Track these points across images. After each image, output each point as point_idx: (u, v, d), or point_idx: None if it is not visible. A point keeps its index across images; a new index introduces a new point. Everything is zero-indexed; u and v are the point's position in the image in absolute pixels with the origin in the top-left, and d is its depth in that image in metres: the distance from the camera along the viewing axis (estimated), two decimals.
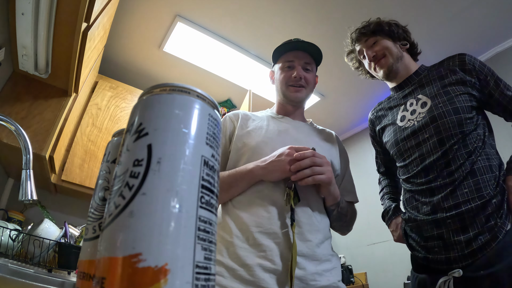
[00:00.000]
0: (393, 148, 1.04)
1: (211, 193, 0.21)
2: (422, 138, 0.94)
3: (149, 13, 1.96)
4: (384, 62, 1.06)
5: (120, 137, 0.33)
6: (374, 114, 1.20)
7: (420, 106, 0.98)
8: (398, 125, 1.03)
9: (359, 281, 2.67)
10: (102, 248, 0.19)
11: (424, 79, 1.03)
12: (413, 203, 0.96)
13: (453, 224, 0.83)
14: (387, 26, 1.09)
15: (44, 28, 1.03)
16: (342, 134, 3.41)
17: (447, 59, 1.03)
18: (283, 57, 1.00)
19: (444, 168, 0.88)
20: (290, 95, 0.98)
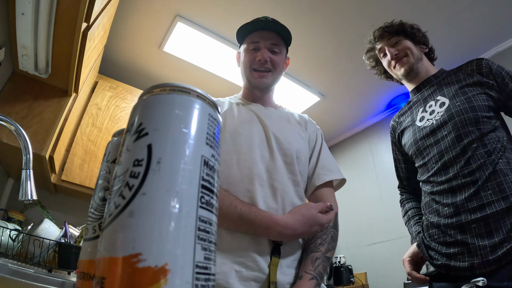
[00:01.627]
0: (412, 148, 1.04)
1: (211, 193, 0.21)
2: (441, 136, 0.94)
3: (149, 13, 1.96)
4: (405, 61, 1.08)
5: (120, 137, 0.33)
6: (396, 120, 1.20)
7: (439, 106, 0.99)
8: (417, 125, 1.04)
9: (359, 281, 2.67)
10: (102, 248, 0.19)
11: (443, 82, 1.05)
12: (433, 206, 0.94)
13: (478, 228, 0.81)
14: (410, 28, 1.12)
15: (44, 28, 1.03)
16: (342, 134, 3.41)
17: (465, 64, 1.05)
18: (248, 37, 0.91)
19: (464, 166, 0.87)
20: (254, 81, 0.89)
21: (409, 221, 1.10)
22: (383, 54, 1.16)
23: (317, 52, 2.27)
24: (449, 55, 2.33)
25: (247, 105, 0.92)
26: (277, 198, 0.76)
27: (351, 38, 2.15)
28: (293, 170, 0.82)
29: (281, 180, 0.78)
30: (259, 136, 0.83)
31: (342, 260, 2.89)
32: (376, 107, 2.89)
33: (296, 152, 0.84)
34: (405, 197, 1.18)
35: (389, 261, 2.51)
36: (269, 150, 0.81)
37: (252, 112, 0.88)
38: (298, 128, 0.92)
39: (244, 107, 0.90)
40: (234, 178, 0.76)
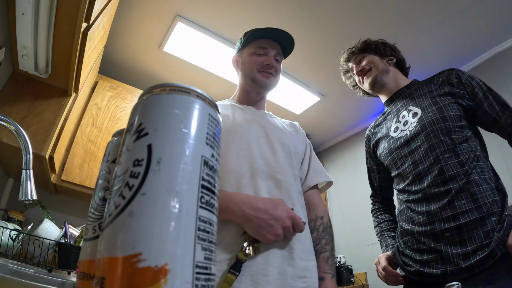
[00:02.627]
0: (388, 158, 1.06)
1: (211, 193, 0.21)
2: (414, 146, 0.96)
3: (149, 13, 1.96)
4: (369, 74, 1.13)
5: (120, 137, 0.33)
6: (371, 130, 1.23)
7: (412, 117, 1.02)
8: (391, 136, 1.07)
9: (359, 281, 2.67)
10: (102, 248, 0.19)
11: (415, 92, 1.07)
12: (408, 214, 0.96)
13: (451, 237, 0.83)
14: (374, 45, 1.17)
15: (44, 28, 1.03)
16: (342, 134, 3.41)
17: (437, 75, 1.07)
18: (255, 42, 0.96)
19: (438, 176, 0.89)
20: (260, 80, 0.93)
21: (382, 233, 1.13)
22: (354, 73, 1.22)
23: (317, 52, 2.27)
24: (449, 55, 2.33)
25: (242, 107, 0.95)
26: (281, 189, 0.78)
27: (351, 38, 2.15)
28: (293, 165, 0.85)
29: (284, 172, 0.81)
30: (257, 134, 0.85)
31: (342, 260, 2.89)
32: (376, 107, 2.89)
33: (293, 148, 0.89)
34: (377, 207, 1.21)
35: None
36: (270, 145, 0.84)
37: (248, 113, 0.92)
38: (292, 130, 0.98)
39: (239, 108, 0.94)
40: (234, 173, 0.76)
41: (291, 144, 0.89)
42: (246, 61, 0.96)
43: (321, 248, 0.80)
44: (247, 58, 0.96)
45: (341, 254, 2.98)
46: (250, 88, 0.96)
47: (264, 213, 0.67)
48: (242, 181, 0.75)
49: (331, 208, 3.33)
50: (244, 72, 0.97)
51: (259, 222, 0.66)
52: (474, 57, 2.37)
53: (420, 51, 2.28)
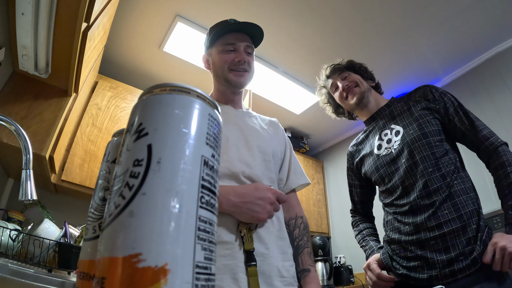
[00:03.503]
0: (375, 175, 1.11)
1: (211, 193, 0.21)
2: (400, 163, 1.02)
3: (149, 13, 1.96)
4: (357, 91, 1.17)
5: (120, 137, 0.33)
6: (354, 148, 1.28)
7: (394, 135, 1.07)
8: (376, 154, 1.12)
9: (359, 281, 2.67)
10: (102, 248, 0.19)
11: (395, 110, 1.13)
12: (395, 224, 1.01)
13: (436, 245, 0.89)
14: (358, 66, 1.24)
15: (44, 28, 1.03)
16: (342, 134, 3.41)
17: (413, 92, 1.13)
18: (222, 39, 0.92)
19: (422, 189, 0.95)
20: (233, 80, 0.90)
21: (364, 238, 1.18)
22: (335, 88, 1.25)
23: (317, 52, 2.27)
24: (449, 55, 2.33)
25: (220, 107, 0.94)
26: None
27: (351, 38, 2.16)
28: (270, 168, 0.87)
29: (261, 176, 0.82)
30: (235, 136, 0.85)
31: (342, 260, 2.89)
32: None
33: (272, 151, 0.90)
34: (358, 218, 1.26)
35: None
36: (248, 148, 0.84)
37: (226, 114, 0.91)
38: (271, 131, 0.98)
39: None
40: None
41: (270, 146, 0.90)
42: (216, 60, 0.93)
43: (303, 243, 0.87)
44: (217, 57, 0.92)
45: (341, 254, 2.98)
46: (225, 88, 0.94)
47: (250, 197, 0.70)
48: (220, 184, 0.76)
49: (331, 208, 3.33)
50: (216, 73, 0.94)
51: (248, 206, 0.70)
52: (474, 57, 2.37)
53: (420, 51, 2.28)
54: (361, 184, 1.24)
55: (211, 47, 0.95)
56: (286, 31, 2.06)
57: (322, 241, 2.75)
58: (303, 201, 3.08)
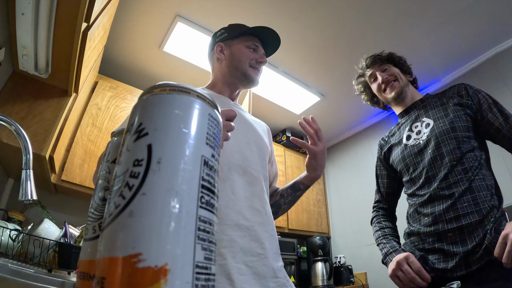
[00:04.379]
0: (401, 164, 1.12)
1: (211, 193, 0.21)
2: (426, 154, 1.04)
3: (149, 13, 1.96)
4: (396, 85, 1.19)
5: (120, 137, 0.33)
6: (385, 139, 1.30)
7: (424, 127, 1.10)
8: (404, 143, 1.14)
9: (359, 281, 2.67)
10: (102, 248, 0.19)
11: (428, 105, 1.15)
12: (416, 216, 1.03)
13: (453, 237, 0.89)
14: (398, 59, 1.25)
15: (44, 28, 1.03)
16: (342, 134, 3.41)
17: (448, 89, 1.15)
18: (248, 37, 0.95)
19: (443, 180, 0.96)
20: (251, 75, 0.92)
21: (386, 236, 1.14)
22: (374, 79, 1.26)
23: (317, 52, 2.27)
24: (449, 55, 2.33)
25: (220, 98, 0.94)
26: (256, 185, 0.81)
27: (351, 38, 2.15)
28: (264, 165, 0.89)
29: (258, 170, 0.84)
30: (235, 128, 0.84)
31: (342, 260, 2.89)
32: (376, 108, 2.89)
33: (265, 148, 0.92)
34: (381, 214, 1.24)
35: None
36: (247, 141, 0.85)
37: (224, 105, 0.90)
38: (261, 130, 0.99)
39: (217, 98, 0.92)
40: None
41: (264, 144, 0.92)
42: (237, 53, 0.92)
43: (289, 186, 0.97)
44: (239, 50, 0.92)
45: (341, 254, 2.98)
46: (237, 81, 0.93)
47: None
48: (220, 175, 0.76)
49: (331, 208, 3.33)
50: (232, 63, 0.92)
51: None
52: (474, 57, 2.37)
53: (420, 51, 2.28)
54: (388, 174, 1.24)
55: (231, 39, 0.95)
56: (286, 31, 2.06)
57: (322, 241, 2.75)
58: (303, 201, 3.08)
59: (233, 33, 0.95)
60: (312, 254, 2.77)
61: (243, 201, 0.75)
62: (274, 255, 0.76)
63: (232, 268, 0.66)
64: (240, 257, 0.69)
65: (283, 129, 3.26)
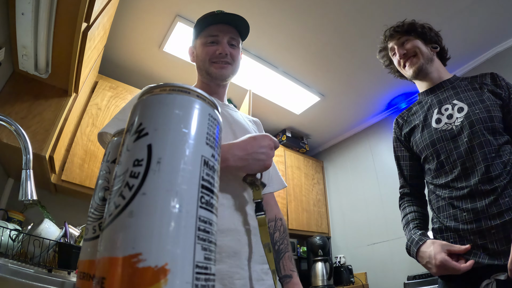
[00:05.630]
0: (429, 149, 1.03)
1: (211, 193, 0.21)
2: (461, 142, 0.96)
3: (149, 13, 1.96)
4: (415, 61, 1.09)
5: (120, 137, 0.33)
6: (404, 118, 1.18)
7: (457, 111, 1.00)
8: (434, 127, 1.03)
9: (359, 281, 2.67)
10: (102, 248, 0.19)
11: (458, 87, 1.05)
12: (450, 211, 0.94)
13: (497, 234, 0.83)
14: (420, 28, 1.12)
15: (44, 28, 1.03)
16: (342, 134, 3.41)
17: (480, 75, 1.06)
18: (205, 31, 0.91)
19: (485, 174, 0.89)
20: (214, 72, 0.88)
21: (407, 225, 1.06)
22: (393, 53, 1.17)
23: (317, 52, 2.27)
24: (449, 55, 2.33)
25: None
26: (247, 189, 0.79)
27: (351, 38, 2.15)
28: None
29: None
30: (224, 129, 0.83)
31: (342, 260, 2.89)
32: (376, 107, 2.89)
33: None
34: (406, 199, 1.13)
35: (389, 261, 2.51)
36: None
37: None
38: (255, 128, 0.97)
39: None
40: None
41: None
42: (199, 52, 0.91)
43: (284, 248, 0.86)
44: (200, 49, 0.90)
45: (341, 254, 2.98)
46: (207, 80, 0.92)
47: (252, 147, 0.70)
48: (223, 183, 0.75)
49: (331, 208, 3.33)
50: (198, 65, 0.92)
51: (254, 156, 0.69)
52: (474, 57, 2.37)
53: None
54: (411, 155, 1.13)
55: (196, 39, 0.94)
56: (286, 31, 2.06)
57: (322, 241, 2.75)
58: (303, 201, 3.08)
59: (196, 31, 0.93)
60: (312, 254, 2.77)
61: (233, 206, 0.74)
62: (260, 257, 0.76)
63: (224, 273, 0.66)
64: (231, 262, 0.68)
65: (283, 129, 3.26)
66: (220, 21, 0.91)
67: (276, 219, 0.90)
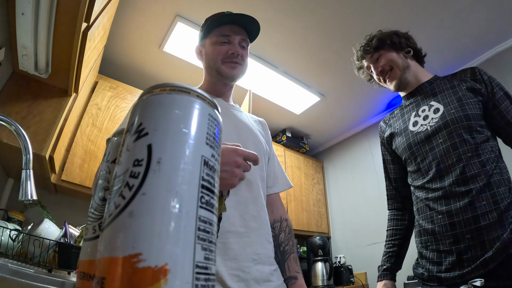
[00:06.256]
0: (406, 153, 1.04)
1: (211, 193, 0.21)
2: (436, 143, 0.95)
3: (149, 13, 1.96)
4: (393, 75, 1.09)
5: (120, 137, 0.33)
6: (386, 121, 1.21)
7: (433, 112, 1.00)
8: (411, 130, 1.04)
9: (359, 281, 2.67)
10: (102, 248, 0.19)
11: (437, 87, 1.05)
12: (427, 213, 0.94)
13: (472, 239, 0.82)
14: (389, 39, 1.12)
15: (44, 28, 1.03)
16: (342, 134, 3.41)
17: (460, 72, 1.05)
18: (217, 30, 0.90)
19: (460, 175, 0.88)
20: (225, 72, 0.87)
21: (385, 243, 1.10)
22: (370, 71, 1.18)
23: (317, 52, 2.27)
24: (449, 55, 2.33)
25: None
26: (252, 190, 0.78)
27: (351, 37, 2.15)
28: (262, 166, 0.85)
29: (253, 173, 0.80)
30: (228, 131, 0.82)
31: (342, 260, 2.89)
32: (376, 107, 2.89)
33: (263, 149, 0.88)
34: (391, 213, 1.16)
35: None
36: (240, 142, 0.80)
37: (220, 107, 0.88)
38: (260, 129, 0.96)
39: None
40: None
41: (262, 144, 0.88)
42: (209, 51, 0.90)
43: (289, 249, 0.85)
44: (210, 48, 0.90)
45: (341, 254, 2.98)
46: (216, 80, 0.91)
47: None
48: None
49: (331, 208, 3.33)
50: (208, 64, 0.91)
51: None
52: (474, 57, 2.37)
53: None
54: (393, 159, 1.15)
55: (205, 38, 0.93)
56: (286, 31, 2.06)
57: (322, 241, 2.75)
58: (303, 201, 3.08)
59: (206, 30, 0.92)
60: (312, 254, 2.77)
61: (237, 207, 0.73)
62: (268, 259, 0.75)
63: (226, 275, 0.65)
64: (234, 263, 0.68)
65: (283, 129, 3.26)
66: (232, 21, 0.90)
67: (281, 220, 0.90)
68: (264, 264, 0.73)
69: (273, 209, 0.90)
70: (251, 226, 0.74)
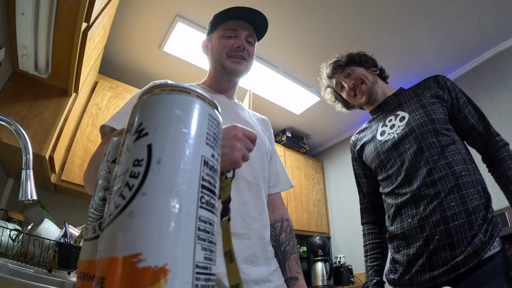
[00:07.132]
0: (375, 161, 1.06)
1: (211, 193, 0.21)
2: (403, 149, 0.97)
3: (149, 13, 1.96)
4: (364, 88, 1.12)
5: (120, 137, 0.33)
6: (356, 136, 1.24)
7: (399, 120, 1.03)
8: (378, 139, 1.07)
9: (359, 281, 2.67)
10: (102, 248, 0.19)
11: (402, 98, 1.09)
12: (397, 218, 0.96)
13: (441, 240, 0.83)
14: (358, 57, 1.18)
15: (44, 28, 1.03)
16: (342, 134, 3.41)
17: (423, 81, 1.10)
18: (224, 24, 0.88)
19: (427, 177, 0.89)
20: (229, 66, 0.85)
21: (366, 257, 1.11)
22: (341, 87, 1.20)
23: (318, 52, 2.27)
24: (449, 56, 2.33)
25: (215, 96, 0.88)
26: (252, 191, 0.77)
27: (351, 38, 2.15)
28: (264, 166, 0.84)
29: (255, 174, 0.80)
30: None
31: (342, 260, 2.89)
32: None
33: (265, 148, 0.87)
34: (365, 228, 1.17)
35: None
36: None
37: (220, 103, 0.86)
38: (262, 127, 0.95)
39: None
40: None
41: (263, 144, 0.87)
42: (215, 45, 0.88)
43: (290, 249, 0.84)
44: (216, 42, 0.87)
45: (341, 254, 2.98)
46: (220, 75, 0.88)
47: None
48: None
49: (331, 208, 3.33)
50: (213, 58, 0.89)
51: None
52: (474, 57, 2.37)
53: (420, 52, 2.28)
54: (365, 173, 1.18)
55: (212, 32, 0.91)
56: (286, 31, 2.06)
57: (322, 241, 2.75)
58: (303, 201, 3.08)
59: (213, 24, 0.90)
60: (312, 254, 2.77)
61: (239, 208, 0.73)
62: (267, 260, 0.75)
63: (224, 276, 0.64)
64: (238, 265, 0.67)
65: (283, 129, 3.26)
66: (240, 16, 0.88)
67: (282, 220, 0.89)
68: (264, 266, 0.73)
69: (274, 209, 0.90)
70: (252, 227, 0.74)
